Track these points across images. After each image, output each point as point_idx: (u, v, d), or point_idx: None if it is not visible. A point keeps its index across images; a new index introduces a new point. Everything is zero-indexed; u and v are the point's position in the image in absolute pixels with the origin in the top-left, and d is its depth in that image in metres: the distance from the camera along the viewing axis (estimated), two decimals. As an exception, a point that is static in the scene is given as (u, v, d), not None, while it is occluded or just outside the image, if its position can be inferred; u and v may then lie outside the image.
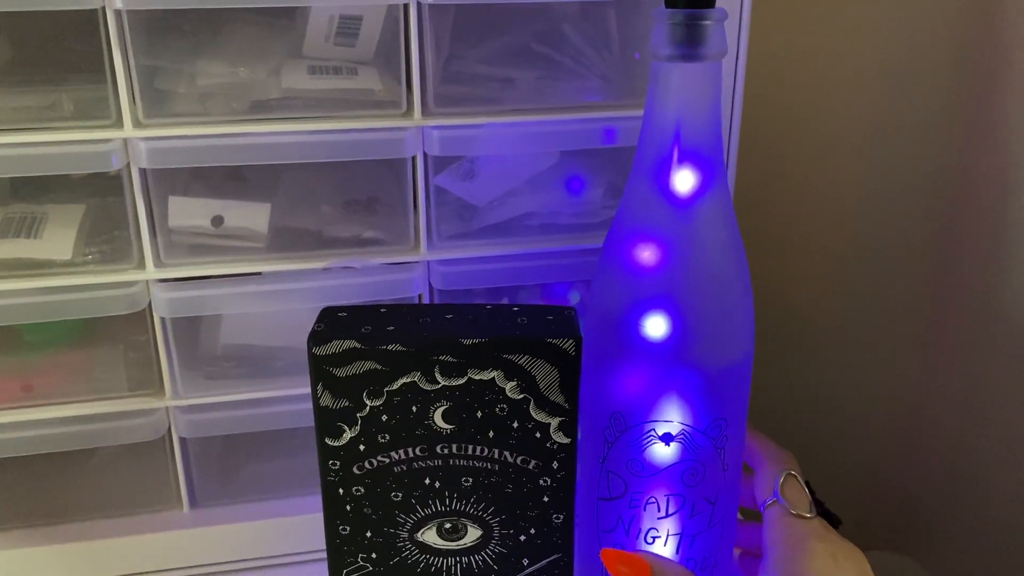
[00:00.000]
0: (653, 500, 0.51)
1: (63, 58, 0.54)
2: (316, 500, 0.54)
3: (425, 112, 0.55)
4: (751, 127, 0.61)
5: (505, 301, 0.62)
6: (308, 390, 0.59)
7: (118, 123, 0.52)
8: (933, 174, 0.79)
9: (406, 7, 0.52)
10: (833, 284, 0.88)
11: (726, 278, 0.49)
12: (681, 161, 0.47)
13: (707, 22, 0.44)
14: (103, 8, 0.49)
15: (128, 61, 0.51)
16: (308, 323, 0.58)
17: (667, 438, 0.50)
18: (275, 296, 0.56)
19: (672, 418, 0.50)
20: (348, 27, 0.54)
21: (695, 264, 0.48)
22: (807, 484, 0.51)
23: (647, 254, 0.49)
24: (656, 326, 0.49)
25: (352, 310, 0.47)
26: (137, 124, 0.52)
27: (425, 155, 0.56)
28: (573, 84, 0.59)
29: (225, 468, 0.64)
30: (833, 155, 0.83)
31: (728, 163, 0.61)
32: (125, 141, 0.52)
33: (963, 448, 0.81)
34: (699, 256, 0.48)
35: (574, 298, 0.63)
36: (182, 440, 0.59)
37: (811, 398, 0.92)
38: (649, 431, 0.51)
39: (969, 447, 0.80)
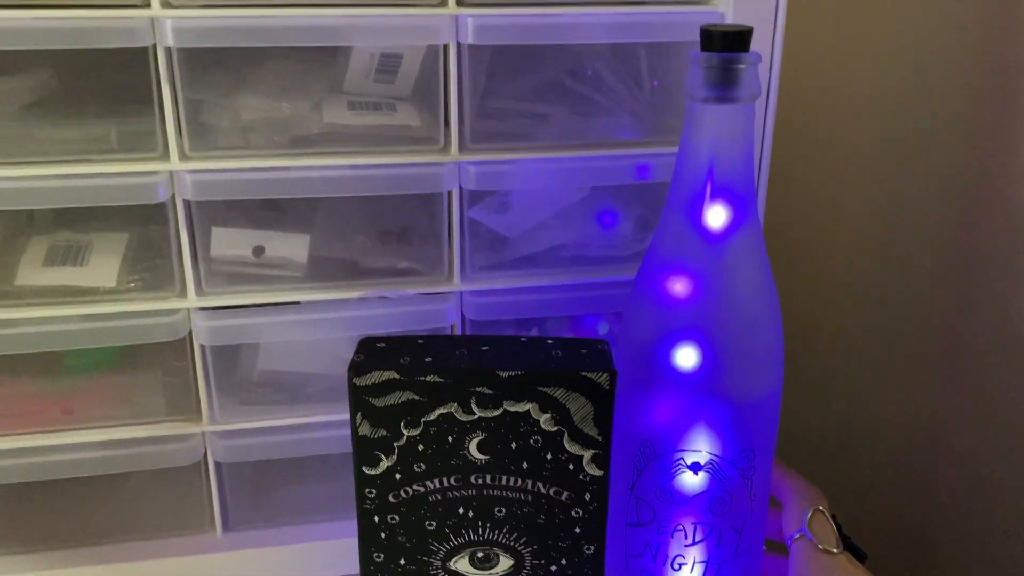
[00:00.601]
0: (681, 527, 0.52)
1: (111, 92, 0.56)
2: (347, 525, 0.55)
3: (462, 148, 0.56)
4: (779, 163, 0.62)
5: (535, 331, 0.63)
6: (341, 416, 0.60)
7: (164, 155, 0.53)
8: (955, 208, 0.80)
9: (445, 47, 0.54)
10: (855, 318, 0.89)
11: (757, 312, 0.50)
12: (714, 198, 0.48)
13: (742, 66, 0.45)
14: (153, 45, 0.51)
15: (176, 95, 0.52)
16: (342, 350, 0.59)
17: (696, 467, 0.51)
18: (312, 325, 0.57)
19: (701, 448, 0.51)
20: (388, 65, 0.55)
21: (726, 298, 0.49)
22: (834, 518, 0.52)
23: (679, 287, 0.50)
24: (687, 357, 0.50)
25: (390, 341, 0.48)
26: (183, 156, 0.53)
27: (461, 189, 0.57)
28: (605, 121, 0.60)
29: (258, 492, 0.65)
30: (857, 192, 0.84)
31: (758, 199, 0.62)
32: (171, 173, 0.53)
33: (983, 478, 0.81)
34: (731, 290, 0.49)
35: (603, 329, 0.64)
36: (217, 464, 0.60)
37: (830, 427, 0.93)
38: (678, 460, 0.51)
39: (989, 477, 0.80)
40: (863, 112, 0.82)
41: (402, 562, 0.49)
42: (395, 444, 0.47)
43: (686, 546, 0.52)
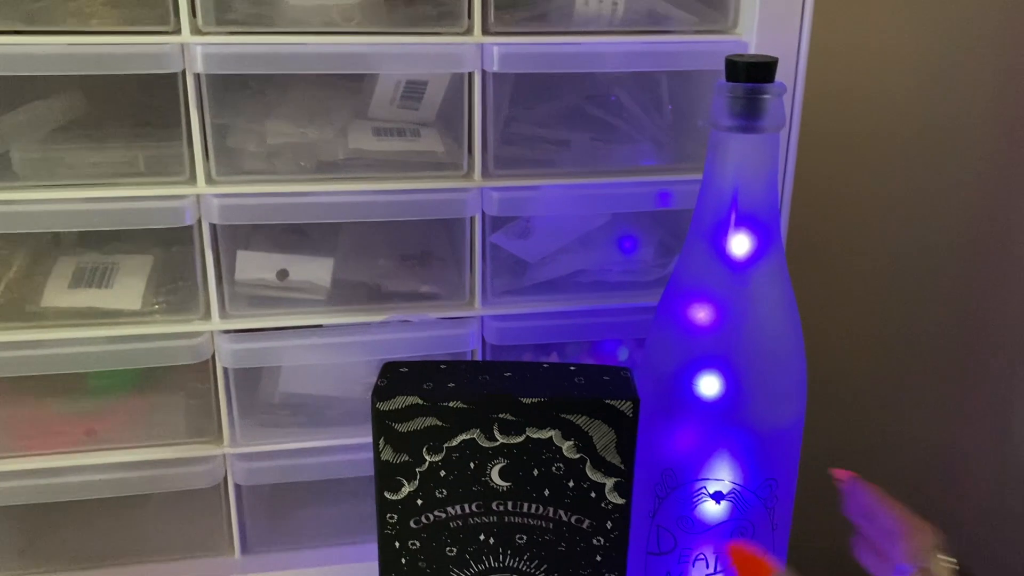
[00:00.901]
0: (702, 556, 0.52)
1: (139, 116, 0.56)
2: (367, 549, 0.55)
3: (485, 174, 0.56)
4: (801, 190, 0.62)
5: (555, 356, 0.63)
6: (361, 440, 0.60)
7: (191, 179, 0.54)
8: (979, 236, 0.80)
9: (470, 74, 0.54)
10: (874, 345, 0.88)
11: (781, 340, 0.50)
12: (738, 226, 0.48)
13: (767, 96, 0.46)
14: (183, 71, 0.51)
15: (203, 120, 0.53)
16: (363, 373, 0.60)
17: (718, 496, 0.51)
18: (334, 348, 0.57)
19: (723, 477, 0.51)
20: (413, 91, 0.56)
21: (750, 326, 0.49)
22: (957, 562, 0.50)
23: (703, 314, 0.50)
24: (710, 385, 0.50)
25: (413, 366, 0.49)
26: (210, 180, 0.54)
27: (483, 214, 0.57)
28: (626, 147, 0.60)
29: (276, 515, 0.65)
30: (879, 221, 0.84)
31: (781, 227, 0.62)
32: (198, 197, 0.54)
33: (1000, 507, 0.80)
34: (755, 318, 0.49)
35: (623, 354, 0.64)
36: (237, 487, 0.60)
37: (846, 453, 0.92)
38: (700, 489, 0.51)
39: (1006, 506, 0.79)
40: (886, 141, 0.82)
41: (422, 588, 0.49)
42: (417, 470, 0.47)
43: (707, 575, 0.52)
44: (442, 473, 0.47)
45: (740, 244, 0.48)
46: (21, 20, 0.51)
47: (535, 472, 0.47)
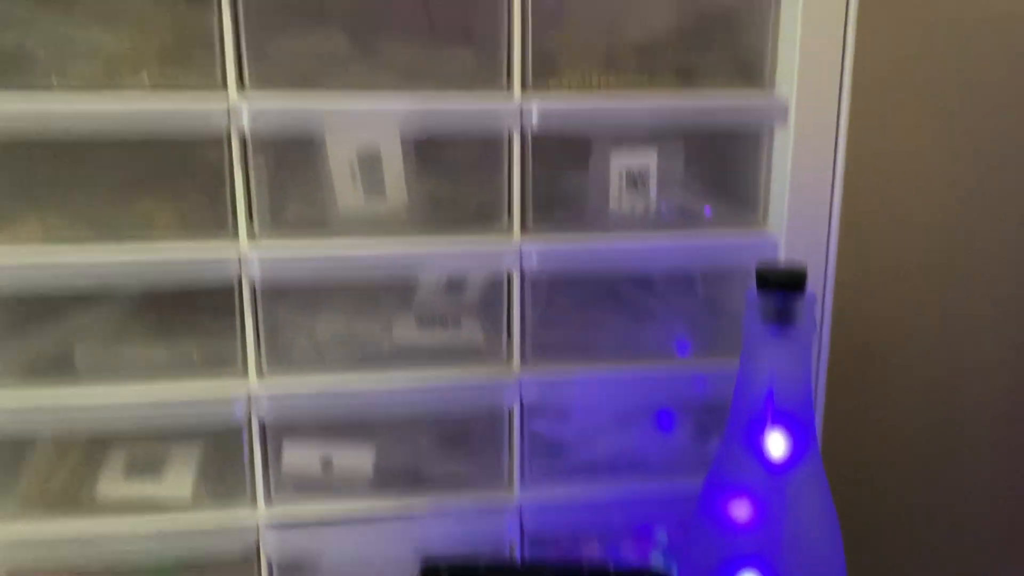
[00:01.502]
0: None
1: (196, 315, 0.58)
2: None
3: (524, 362, 0.58)
4: (834, 388, 0.63)
5: (595, 544, 0.63)
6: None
7: (243, 375, 0.56)
8: (1012, 420, 0.80)
9: (509, 272, 0.56)
10: (914, 549, 0.87)
11: (821, 545, 0.50)
12: (774, 425, 0.49)
13: (797, 305, 0.47)
14: (239, 276, 0.54)
15: (257, 319, 0.55)
16: (404, 562, 0.60)
17: None
18: (376, 539, 0.58)
19: None
20: (455, 285, 0.58)
21: (789, 528, 0.49)
22: None
23: (741, 512, 0.50)
24: (751, 586, 0.49)
25: (453, 570, 0.49)
26: (260, 375, 0.56)
27: (521, 401, 0.58)
28: (661, 333, 0.62)
29: None
30: (913, 419, 0.84)
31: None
32: (249, 394, 0.56)
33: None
34: (793, 520, 0.49)
35: (661, 537, 0.64)
36: None
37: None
38: None
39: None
40: (916, 338, 0.82)
41: None
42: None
43: None
44: None
45: (777, 444, 0.49)
46: (87, 226, 0.54)
47: None
